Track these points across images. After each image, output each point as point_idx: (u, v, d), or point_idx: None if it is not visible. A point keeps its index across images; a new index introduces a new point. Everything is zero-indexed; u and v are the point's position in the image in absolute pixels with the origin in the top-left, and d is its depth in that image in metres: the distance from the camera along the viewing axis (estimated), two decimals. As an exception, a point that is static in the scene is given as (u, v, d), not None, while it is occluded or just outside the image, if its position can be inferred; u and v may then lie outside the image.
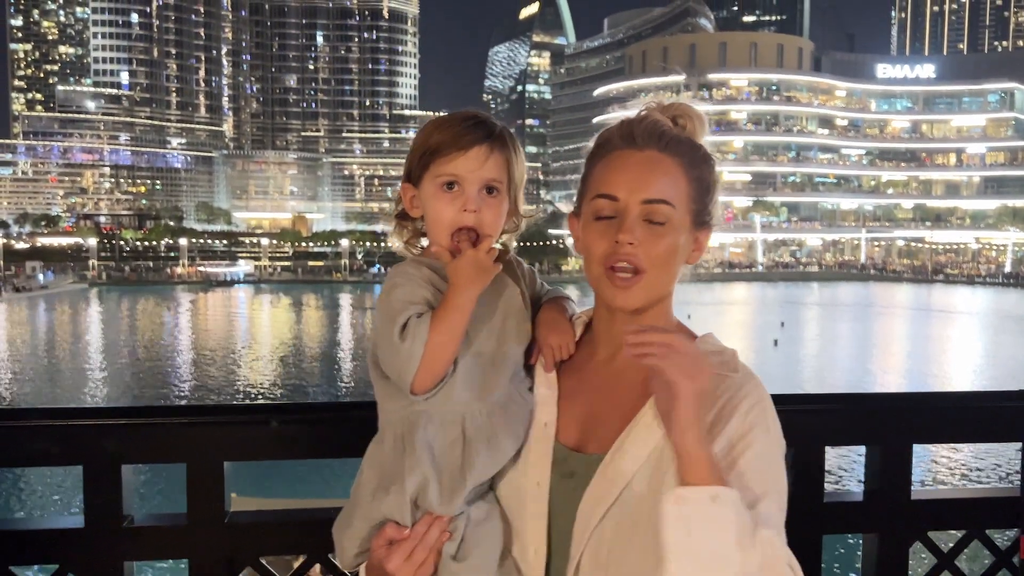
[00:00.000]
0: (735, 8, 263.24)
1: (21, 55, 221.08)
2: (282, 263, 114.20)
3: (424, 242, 1.72)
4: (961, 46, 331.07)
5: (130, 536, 1.93)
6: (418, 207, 1.66)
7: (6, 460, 2.14)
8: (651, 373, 1.36)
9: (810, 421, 2.07)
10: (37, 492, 20.91)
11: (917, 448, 2.13)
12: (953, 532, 2.17)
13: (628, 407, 1.53)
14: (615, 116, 1.54)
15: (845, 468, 19.99)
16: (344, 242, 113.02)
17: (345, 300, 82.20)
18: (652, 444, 1.46)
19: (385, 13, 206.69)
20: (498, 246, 1.69)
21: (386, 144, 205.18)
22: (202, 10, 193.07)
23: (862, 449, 2.16)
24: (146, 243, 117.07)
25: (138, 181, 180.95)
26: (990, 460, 23.47)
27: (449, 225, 1.60)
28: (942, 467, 22.91)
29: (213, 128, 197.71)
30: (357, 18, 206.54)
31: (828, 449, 2.11)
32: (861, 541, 2.19)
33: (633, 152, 1.54)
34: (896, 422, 2.12)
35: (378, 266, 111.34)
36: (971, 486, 20.13)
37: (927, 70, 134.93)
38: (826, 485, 2.09)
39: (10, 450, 1.99)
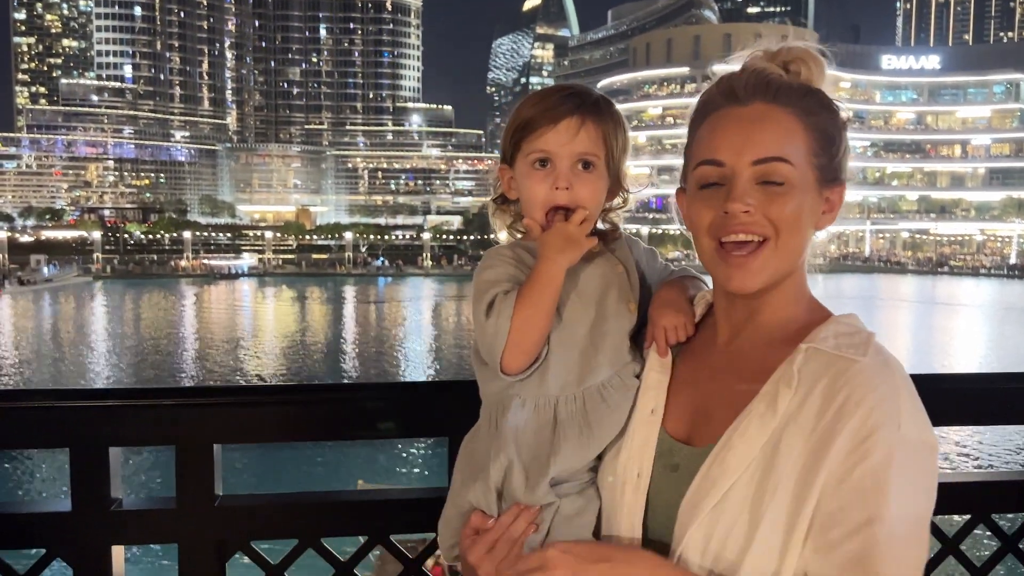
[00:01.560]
0: (739, 0, 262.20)
1: (24, 48, 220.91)
2: (286, 256, 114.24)
3: None
4: (967, 37, 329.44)
5: (118, 520, 1.89)
6: (516, 189, 1.59)
7: None
8: None
9: None
10: (25, 475, 20.86)
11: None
12: (957, 517, 2.11)
13: (741, 397, 1.36)
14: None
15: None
16: (348, 235, 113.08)
17: (349, 293, 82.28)
18: (763, 439, 1.29)
19: (388, 5, 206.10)
20: (602, 226, 1.62)
21: (389, 137, 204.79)
22: (205, 3, 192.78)
23: None
24: (150, 236, 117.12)
25: (142, 174, 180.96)
26: (995, 442, 23.43)
27: (542, 204, 1.52)
28: (946, 450, 22.84)
29: (216, 121, 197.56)
30: (360, 10, 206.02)
31: None
32: None
33: (736, 108, 1.37)
34: None
35: (382, 259, 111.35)
36: (976, 470, 20.06)
37: (932, 61, 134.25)
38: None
39: None
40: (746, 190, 1.33)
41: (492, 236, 1.69)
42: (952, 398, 2.08)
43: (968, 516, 2.09)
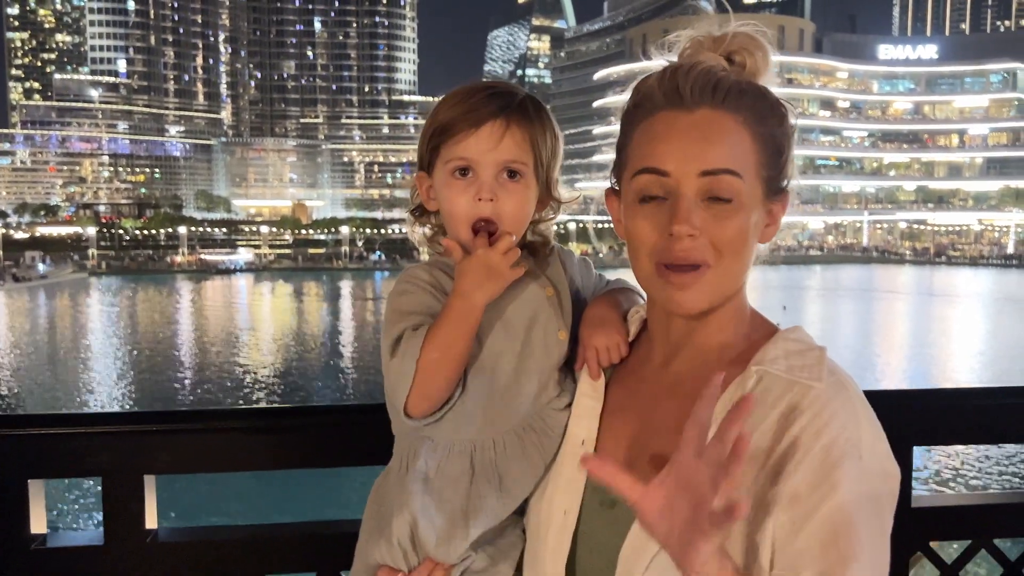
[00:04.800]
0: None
1: (18, 44, 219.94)
2: (282, 251, 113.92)
3: None
4: (963, 26, 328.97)
5: (38, 559, 1.75)
6: (435, 199, 1.44)
7: None
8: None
9: None
10: None
11: (917, 451, 1.93)
12: (958, 542, 2.01)
13: (684, 425, 1.17)
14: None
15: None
16: (344, 229, 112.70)
17: (346, 288, 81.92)
18: None
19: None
20: (531, 238, 1.50)
21: (385, 130, 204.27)
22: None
23: None
24: (146, 232, 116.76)
25: (137, 170, 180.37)
26: (997, 464, 23.00)
27: (464, 217, 1.37)
28: (945, 471, 22.31)
29: (211, 116, 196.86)
30: (355, 3, 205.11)
31: None
32: None
33: (681, 114, 1.25)
34: (894, 422, 1.84)
35: (379, 253, 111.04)
36: (977, 492, 19.48)
37: (929, 51, 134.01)
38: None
39: None
40: (692, 208, 1.22)
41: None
42: (948, 416, 1.99)
43: (968, 542, 1.97)
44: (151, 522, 1.79)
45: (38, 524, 1.76)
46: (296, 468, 1.83)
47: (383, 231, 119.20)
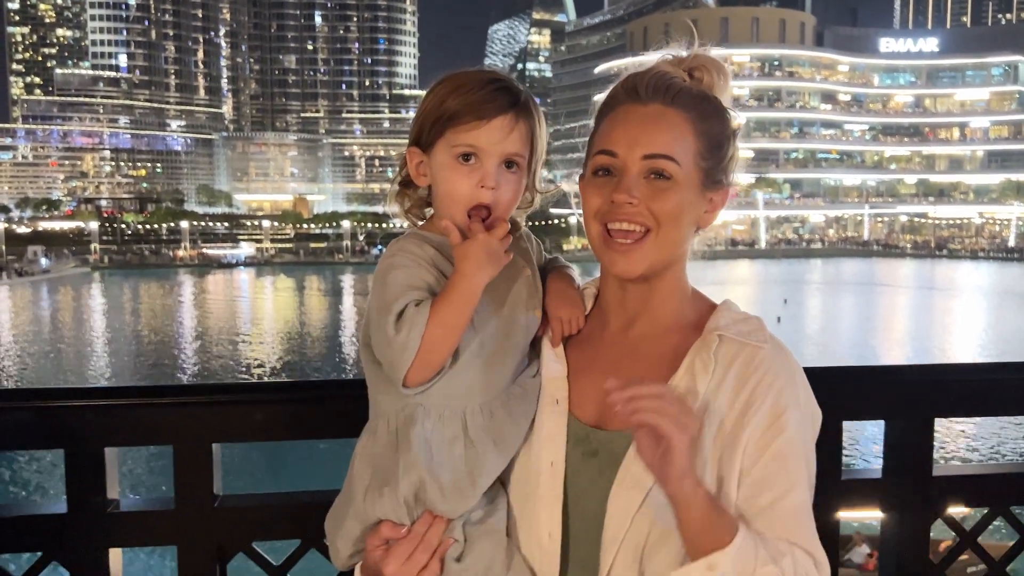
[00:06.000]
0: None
1: (19, 38, 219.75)
2: (283, 245, 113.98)
3: (428, 212, 1.59)
4: (965, 19, 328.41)
5: (115, 522, 1.86)
6: (425, 174, 1.52)
7: None
8: (634, 425, 1.25)
9: (827, 395, 1.83)
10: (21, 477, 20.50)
11: (938, 423, 2.04)
12: (976, 510, 2.12)
13: (654, 380, 1.41)
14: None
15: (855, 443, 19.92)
16: (345, 223, 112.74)
17: (347, 281, 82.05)
18: None
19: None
20: (517, 221, 1.62)
21: (386, 124, 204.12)
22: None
23: (876, 424, 2.06)
24: (147, 226, 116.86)
25: (138, 164, 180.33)
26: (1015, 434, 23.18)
27: (465, 201, 1.47)
28: (964, 442, 22.50)
29: (212, 110, 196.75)
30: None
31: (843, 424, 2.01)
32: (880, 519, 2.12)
33: (636, 107, 1.46)
34: (918, 395, 2.03)
35: (380, 247, 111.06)
36: (995, 461, 19.78)
37: (930, 44, 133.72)
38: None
39: None
40: (633, 183, 1.42)
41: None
42: (969, 389, 2.07)
43: (987, 509, 2.08)
44: (218, 487, 1.89)
45: (112, 490, 1.87)
46: (356, 436, 1.91)
47: (384, 225, 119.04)
